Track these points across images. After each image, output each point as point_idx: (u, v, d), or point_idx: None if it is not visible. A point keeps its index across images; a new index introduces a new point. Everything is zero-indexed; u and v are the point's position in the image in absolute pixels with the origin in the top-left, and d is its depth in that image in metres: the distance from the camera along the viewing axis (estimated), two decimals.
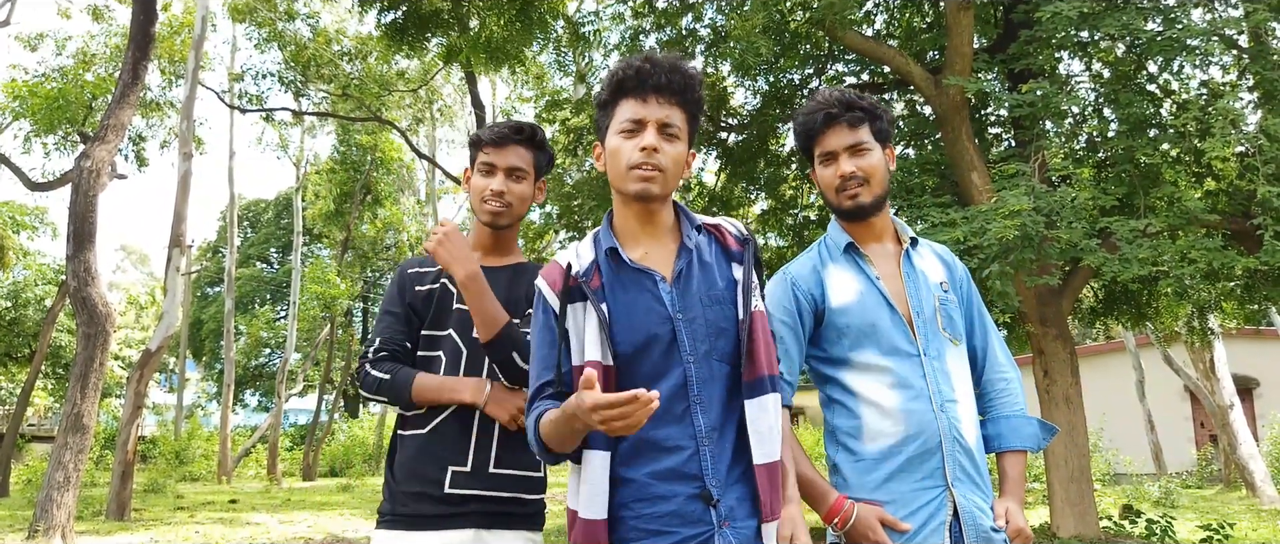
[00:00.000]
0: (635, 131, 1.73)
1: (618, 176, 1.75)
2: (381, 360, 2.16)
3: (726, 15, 9.49)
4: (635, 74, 1.74)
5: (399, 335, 2.19)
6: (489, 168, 2.22)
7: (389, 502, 2.13)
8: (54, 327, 18.22)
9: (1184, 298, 8.03)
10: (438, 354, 2.17)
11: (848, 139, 2.02)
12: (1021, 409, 2.12)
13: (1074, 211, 6.34)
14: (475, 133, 2.28)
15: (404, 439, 2.15)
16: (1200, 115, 6.48)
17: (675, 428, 1.67)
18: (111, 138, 10.16)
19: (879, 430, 1.93)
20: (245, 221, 37.28)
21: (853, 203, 2.03)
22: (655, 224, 1.80)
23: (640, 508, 1.65)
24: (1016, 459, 2.08)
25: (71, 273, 9.72)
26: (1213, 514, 11.27)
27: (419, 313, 2.21)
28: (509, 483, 2.10)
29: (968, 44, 7.80)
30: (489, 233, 2.25)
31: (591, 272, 1.75)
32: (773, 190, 11.16)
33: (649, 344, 1.70)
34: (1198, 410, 19.38)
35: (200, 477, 22.78)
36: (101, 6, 18.78)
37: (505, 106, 23.69)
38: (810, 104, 2.09)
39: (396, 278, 2.27)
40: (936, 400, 1.93)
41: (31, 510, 10.27)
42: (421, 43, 11.86)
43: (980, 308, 2.17)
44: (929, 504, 1.89)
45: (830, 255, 2.09)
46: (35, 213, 21.78)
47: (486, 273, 2.15)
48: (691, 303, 1.73)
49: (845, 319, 1.99)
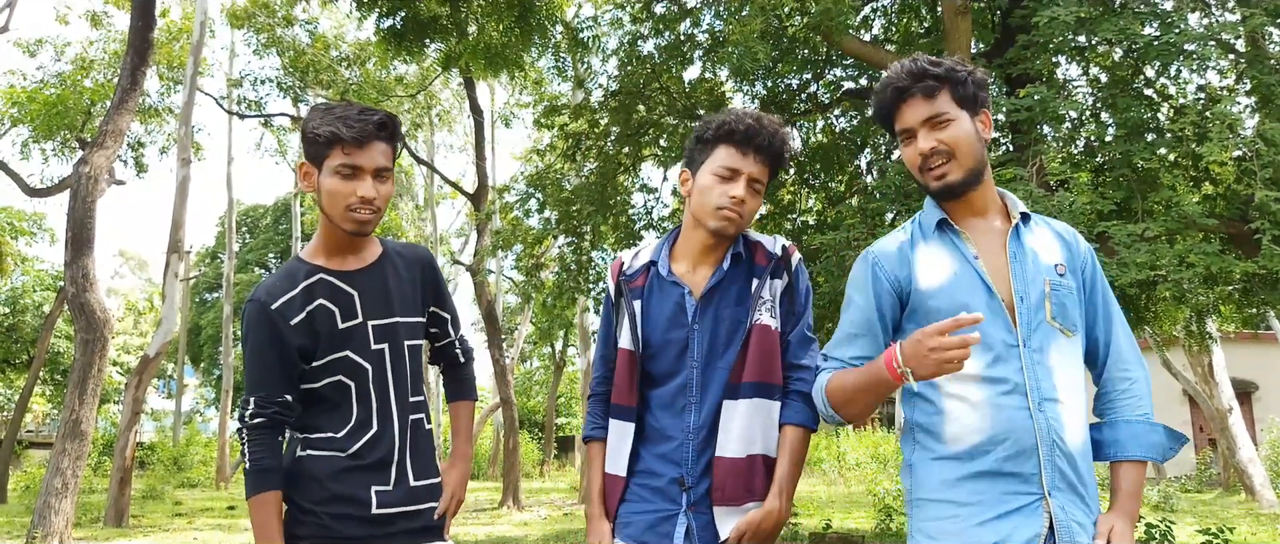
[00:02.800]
0: (730, 179, 1.98)
1: (702, 210, 2.00)
2: (260, 433, 1.96)
3: (724, 21, 9.50)
4: (744, 130, 1.98)
5: (278, 390, 1.97)
6: (352, 170, 1.94)
7: (303, 525, 1.97)
8: (52, 332, 18.20)
9: (1182, 302, 8.03)
10: (337, 379, 2.01)
11: (924, 111, 1.82)
12: (1147, 414, 1.84)
13: (1072, 216, 6.33)
14: (326, 127, 1.94)
15: (315, 462, 1.99)
16: (1198, 120, 6.49)
17: (673, 420, 1.99)
18: (110, 144, 10.16)
19: (964, 428, 1.72)
20: (243, 227, 37.25)
21: (940, 182, 1.82)
22: (714, 250, 2.05)
23: (641, 479, 2.02)
24: (1133, 470, 1.79)
25: (70, 279, 9.71)
26: (1212, 518, 11.27)
27: (306, 351, 1.99)
28: (427, 494, 2.07)
29: (965, 49, 7.80)
30: (348, 237, 2.03)
31: (638, 273, 2.08)
32: (770, 194, 11.16)
33: (666, 345, 2.01)
34: (1196, 414, 19.38)
35: (198, 483, 22.74)
36: (100, 12, 18.78)
37: (503, 111, 23.69)
38: (884, 79, 1.88)
39: (259, 319, 1.97)
40: (1033, 398, 1.71)
41: (29, 517, 10.25)
42: (420, 48, 11.88)
43: (1106, 294, 1.90)
44: (1018, 513, 1.66)
45: (922, 233, 1.88)
46: (33, 218, 21.79)
47: (367, 275, 2.06)
48: (712, 317, 1.99)
49: (933, 302, 1.79)
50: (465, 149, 29.88)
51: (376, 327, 2.04)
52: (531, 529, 12.16)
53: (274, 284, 2.00)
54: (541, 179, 10.78)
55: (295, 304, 1.98)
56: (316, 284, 2.02)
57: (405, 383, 2.06)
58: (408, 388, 2.07)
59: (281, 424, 1.99)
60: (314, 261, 2.05)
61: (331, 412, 2.02)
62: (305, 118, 2.04)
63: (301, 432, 2.04)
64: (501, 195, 13.36)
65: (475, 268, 16.36)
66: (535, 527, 12.57)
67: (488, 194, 16.49)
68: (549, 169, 11.10)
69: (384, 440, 2.01)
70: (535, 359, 39.66)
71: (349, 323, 2.01)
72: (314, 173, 1.99)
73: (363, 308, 2.03)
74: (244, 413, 1.98)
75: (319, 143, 1.95)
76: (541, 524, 13.02)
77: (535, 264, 12.13)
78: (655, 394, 2.03)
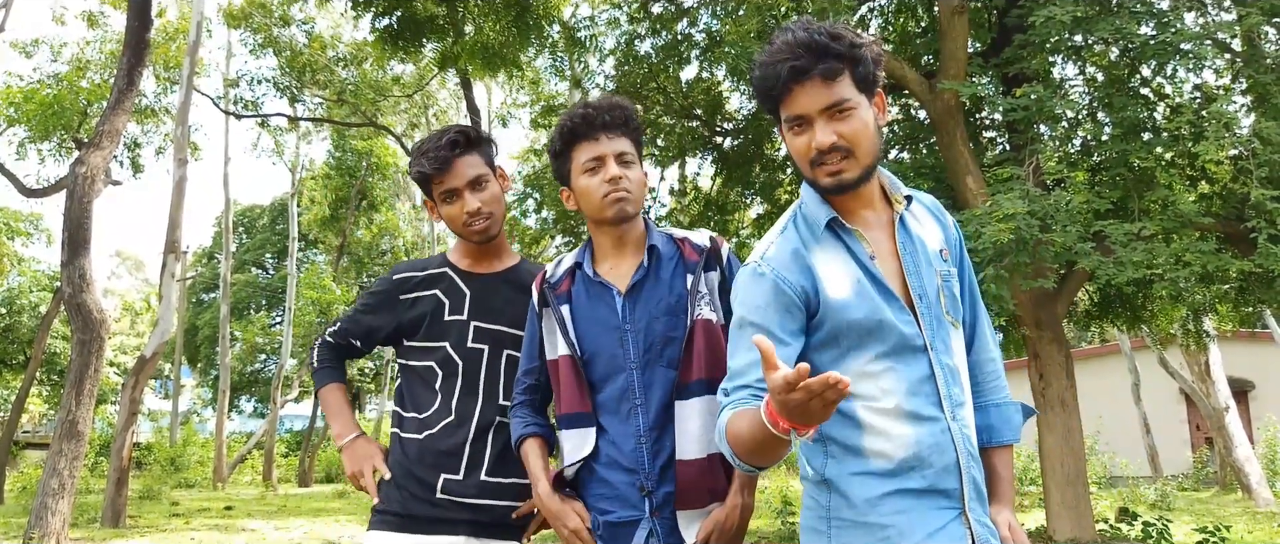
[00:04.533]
0: (597, 168, 1.97)
1: (594, 208, 1.98)
2: (327, 347, 2.30)
3: (721, 20, 9.51)
4: (583, 120, 1.98)
5: (356, 333, 2.26)
6: (451, 193, 2.15)
7: (383, 501, 2.15)
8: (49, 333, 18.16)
9: (1179, 301, 8.05)
10: (430, 364, 2.17)
11: (823, 98, 1.54)
12: (1008, 393, 1.76)
13: (1069, 215, 6.35)
14: (416, 168, 2.17)
15: (403, 441, 2.17)
16: (1194, 119, 6.50)
17: (622, 426, 1.93)
18: (106, 144, 10.15)
19: (889, 444, 1.53)
20: (240, 227, 37.19)
21: (835, 180, 1.57)
22: (625, 242, 2.02)
23: (595, 486, 1.95)
24: (1007, 455, 1.71)
25: (66, 279, 9.70)
26: (1209, 517, 11.29)
27: (404, 327, 2.20)
28: (500, 492, 2.12)
29: (962, 48, 7.82)
30: (478, 246, 2.22)
31: (562, 280, 2.04)
32: (768, 195, 11.17)
33: (601, 348, 1.96)
34: (1193, 413, 19.41)
35: (195, 483, 22.70)
36: (96, 12, 18.74)
37: (500, 111, 23.69)
38: (770, 49, 1.58)
39: (385, 284, 2.25)
40: (948, 406, 1.55)
41: (26, 518, 10.23)
42: (416, 48, 11.87)
43: (971, 273, 1.75)
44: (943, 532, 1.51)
45: (812, 235, 1.62)
46: (30, 219, 21.75)
47: (488, 281, 2.22)
48: (642, 314, 1.95)
49: (846, 317, 1.55)
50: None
51: (479, 328, 2.17)
52: None
53: (412, 262, 2.27)
54: (539, 179, 10.79)
55: (414, 283, 2.21)
56: (440, 275, 2.22)
57: (497, 386, 2.15)
58: (500, 392, 2.15)
59: (345, 353, 2.30)
60: (450, 258, 2.26)
61: (423, 392, 2.17)
62: None
63: (397, 405, 2.23)
64: None
65: None
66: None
67: None
68: (546, 169, 11.10)
69: (459, 432, 2.11)
70: None
71: (454, 317, 2.17)
72: (434, 206, 2.21)
73: (471, 307, 2.19)
74: (326, 329, 2.32)
75: (419, 182, 2.20)
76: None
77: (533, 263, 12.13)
78: (599, 399, 1.97)
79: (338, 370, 2.30)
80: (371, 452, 2.18)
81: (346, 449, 2.20)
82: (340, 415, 2.24)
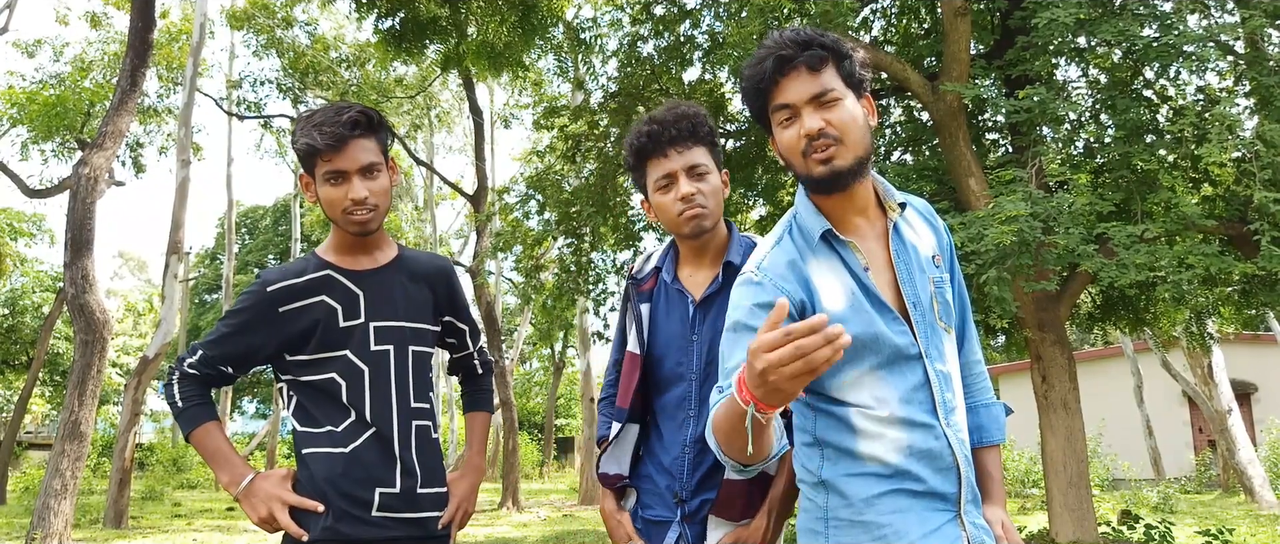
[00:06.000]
0: (669, 186, 1.96)
1: (671, 224, 1.99)
2: (190, 381, 2.01)
3: (724, 22, 9.50)
4: (649, 138, 1.97)
5: (229, 358, 2.00)
6: (338, 175, 1.94)
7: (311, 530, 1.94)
8: (51, 334, 18.19)
9: (1181, 303, 8.03)
10: (330, 376, 1.99)
11: (810, 87, 1.55)
12: (992, 394, 1.81)
13: (1071, 217, 6.34)
14: (303, 140, 1.93)
15: (320, 458, 1.97)
16: (1197, 121, 6.50)
17: (674, 432, 1.97)
18: (109, 145, 10.17)
19: (881, 452, 1.55)
20: (243, 228, 37.26)
21: (826, 167, 1.55)
22: (705, 251, 2.02)
23: (644, 482, 2.03)
24: (996, 454, 1.76)
25: (69, 280, 9.71)
26: (1211, 519, 11.27)
27: (293, 341, 1.99)
28: (430, 502, 2.05)
29: (965, 50, 7.81)
30: (356, 238, 2.03)
31: (647, 277, 2.09)
32: (770, 196, 11.17)
33: (669, 353, 1.99)
34: (1196, 415, 19.39)
35: (198, 484, 22.73)
36: (100, 13, 18.80)
37: (502, 112, 23.70)
38: (761, 48, 1.61)
39: (254, 295, 1.99)
40: (943, 412, 1.57)
41: (29, 518, 10.24)
42: (419, 49, 11.88)
43: (960, 277, 1.78)
44: (937, 533, 1.53)
45: (808, 245, 1.62)
46: (33, 220, 21.79)
47: (377, 277, 2.05)
48: (710, 327, 1.94)
49: (849, 330, 1.47)
50: (465, 150, 29.91)
51: (379, 328, 2.02)
52: (531, 530, 12.16)
53: (283, 269, 2.02)
54: (541, 180, 10.78)
55: (294, 292, 1.98)
56: (323, 279, 2.01)
57: (407, 388, 2.03)
58: (411, 393, 2.03)
59: (212, 384, 2.03)
60: (326, 258, 2.05)
61: (330, 406, 1.99)
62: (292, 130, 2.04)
63: (302, 424, 2.02)
64: (501, 197, 13.37)
65: (475, 269, 16.37)
66: (534, 528, 12.57)
67: (487, 195, 16.50)
68: (549, 170, 11.10)
69: (383, 442, 1.98)
70: (534, 360, 39.69)
71: (351, 322, 2.00)
72: (312, 183, 2.00)
73: (367, 308, 2.02)
74: (184, 360, 2.01)
75: (303, 155, 1.96)
76: (541, 525, 13.02)
77: (535, 265, 12.13)
78: (660, 402, 2.03)
79: (207, 407, 2.01)
80: (277, 488, 1.94)
81: (245, 497, 1.94)
82: (227, 460, 1.97)
